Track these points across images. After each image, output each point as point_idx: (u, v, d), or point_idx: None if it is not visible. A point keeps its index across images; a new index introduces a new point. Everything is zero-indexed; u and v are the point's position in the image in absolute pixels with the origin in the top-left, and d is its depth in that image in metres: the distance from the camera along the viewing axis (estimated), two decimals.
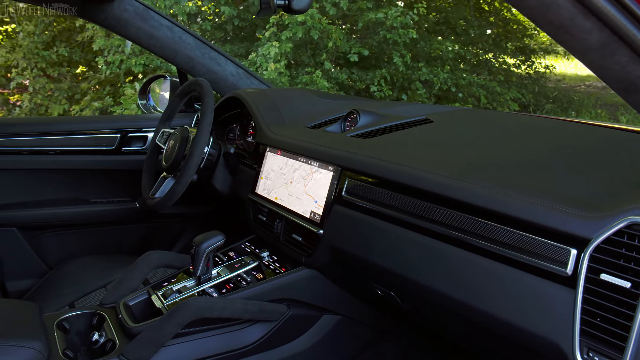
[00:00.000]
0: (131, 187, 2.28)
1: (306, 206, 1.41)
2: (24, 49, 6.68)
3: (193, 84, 1.79)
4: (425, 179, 1.10)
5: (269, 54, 6.05)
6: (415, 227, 1.10)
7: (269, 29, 6.30)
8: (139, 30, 2.01)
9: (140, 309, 1.44)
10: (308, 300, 1.46)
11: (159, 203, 1.68)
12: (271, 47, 6.08)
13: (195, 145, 1.59)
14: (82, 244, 2.26)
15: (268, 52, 6.06)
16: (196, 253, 1.38)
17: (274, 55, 6.01)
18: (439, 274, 1.05)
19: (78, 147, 2.17)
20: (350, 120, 1.58)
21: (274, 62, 6.03)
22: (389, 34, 6.60)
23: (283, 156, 1.55)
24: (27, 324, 1.22)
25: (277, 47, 6.05)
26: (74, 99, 6.85)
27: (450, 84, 7.08)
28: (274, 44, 6.11)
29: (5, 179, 2.12)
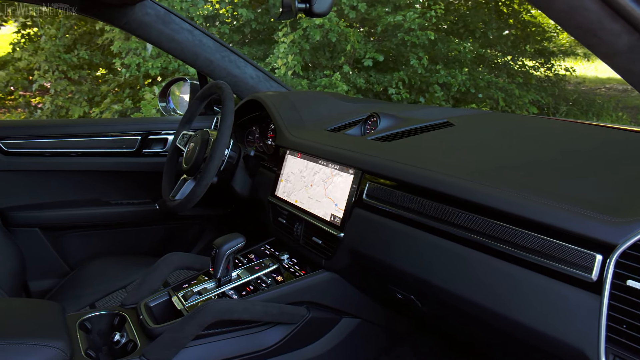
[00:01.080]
0: (151, 189, 2.30)
1: (326, 209, 1.41)
2: (46, 52, 6.78)
3: (213, 87, 1.80)
4: (447, 183, 1.10)
5: (279, 51, 6.07)
6: (436, 231, 1.10)
7: (282, 29, 6.32)
8: (160, 33, 2.04)
9: (160, 310, 1.45)
10: (327, 303, 1.46)
11: (179, 205, 1.69)
12: (280, 44, 6.10)
13: (216, 148, 1.59)
14: (103, 244, 2.29)
15: (278, 50, 6.08)
16: (217, 255, 1.39)
17: (282, 52, 6.02)
18: (460, 278, 1.05)
19: (99, 149, 2.20)
20: (371, 123, 1.58)
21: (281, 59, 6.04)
22: (407, 36, 6.58)
23: (303, 159, 1.55)
24: (51, 324, 1.24)
25: (286, 43, 6.07)
26: (94, 101, 6.93)
27: (468, 85, 7.04)
28: (282, 39, 6.12)
29: (29, 180, 2.15)
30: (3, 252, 1.76)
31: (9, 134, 2.10)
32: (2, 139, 2.08)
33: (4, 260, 1.74)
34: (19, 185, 2.14)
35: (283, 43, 6.08)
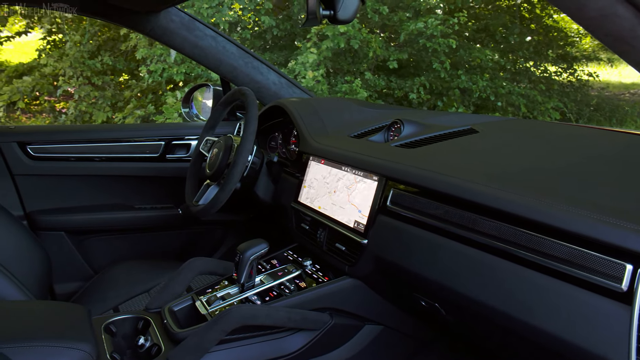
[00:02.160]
0: (174, 194, 2.32)
1: (350, 215, 1.41)
2: (71, 58, 6.88)
3: (237, 93, 1.81)
4: (472, 190, 1.09)
5: (307, 61, 6.08)
6: (462, 239, 1.09)
7: (310, 39, 6.34)
8: (184, 40, 2.06)
9: (184, 315, 1.46)
10: (350, 310, 1.45)
11: (203, 210, 1.71)
12: (309, 54, 6.12)
13: (240, 154, 1.60)
14: (126, 248, 2.31)
15: (307, 60, 6.09)
16: (240, 260, 1.40)
17: (311, 63, 6.04)
18: (485, 287, 1.04)
19: (124, 154, 2.23)
20: (394, 130, 1.57)
21: (312, 70, 6.06)
22: (429, 43, 6.56)
23: (326, 165, 1.56)
24: (78, 327, 1.26)
25: (316, 54, 6.08)
26: (117, 107, 7.01)
27: (489, 92, 6.99)
28: (312, 50, 6.14)
29: (55, 184, 2.19)
30: (30, 255, 1.79)
31: (35, 138, 2.13)
32: (29, 143, 2.12)
33: (31, 263, 1.77)
34: (46, 189, 2.17)
35: (312, 54, 6.09)
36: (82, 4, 1.93)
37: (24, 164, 2.12)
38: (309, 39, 6.35)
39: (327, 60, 6.38)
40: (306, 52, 6.21)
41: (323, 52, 6.14)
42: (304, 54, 6.23)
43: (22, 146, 2.11)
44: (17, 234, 1.78)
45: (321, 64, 6.15)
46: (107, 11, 1.95)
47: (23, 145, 2.11)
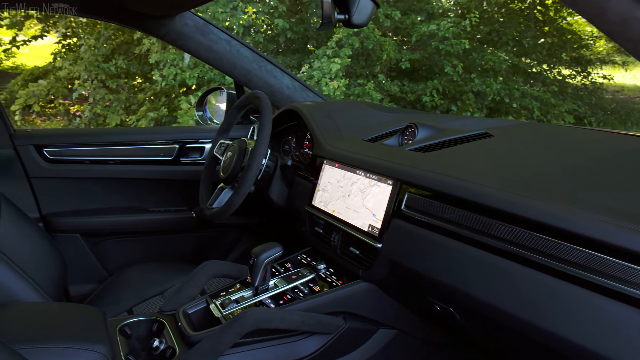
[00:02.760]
0: (188, 197, 2.33)
1: (364, 219, 1.41)
2: (85, 61, 6.94)
3: (251, 96, 1.81)
4: (487, 195, 1.08)
5: (330, 71, 6.07)
6: (477, 243, 1.09)
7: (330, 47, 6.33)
8: (198, 44, 2.07)
9: (198, 318, 1.46)
10: (364, 314, 1.45)
11: (217, 213, 1.71)
12: (332, 64, 6.12)
13: (254, 157, 1.61)
14: (140, 251, 2.33)
15: (329, 69, 6.08)
16: (255, 264, 1.40)
17: (335, 72, 6.04)
18: (501, 292, 1.03)
19: (138, 157, 2.25)
20: (408, 133, 1.57)
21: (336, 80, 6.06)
22: (441, 45, 6.55)
23: (340, 169, 1.56)
24: (93, 328, 1.27)
25: (339, 63, 6.09)
26: (130, 110, 7.06)
27: (503, 95, 6.95)
28: (335, 60, 6.14)
29: (70, 187, 2.21)
30: (46, 256, 1.81)
31: (52, 142, 2.16)
32: (46, 146, 2.14)
33: (47, 265, 1.79)
34: (62, 191, 2.19)
35: (335, 63, 6.09)
36: (98, 9, 1.95)
37: (41, 167, 2.14)
38: (328, 46, 6.35)
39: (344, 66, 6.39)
40: (327, 61, 6.20)
41: (344, 61, 6.14)
42: (324, 62, 6.22)
43: (38, 149, 2.13)
44: (33, 236, 1.80)
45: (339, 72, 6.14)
46: (123, 16, 1.97)
47: (40, 148, 2.13)
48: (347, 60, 6.14)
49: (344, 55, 6.16)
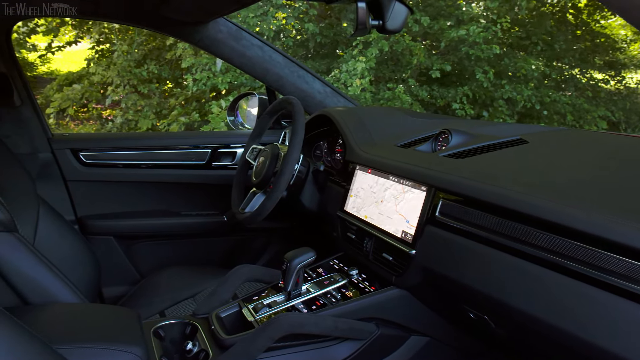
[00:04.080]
0: (219, 201, 2.35)
1: (397, 225, 1.40)
2: (118, 66, 7.07)
3: (284, 102, 1.83)
4: (526, 202, 1.07)
5: (354, 70, 6.08)
6: (514, 251, 1.07)
7: (355, 46, 6.35)
8: (231, 49, 2.09)
9: (231, 321, 1.47)
10: (397, 320, 1.44)
11: (249, 218, 1.72)
12: (357, 62, 6.12)
13: (287, 162, 1.62)
14: (172, 254, 2.36)
15: (354, 69, 6.10)
16: (287, 269, 1.41)
17: (360, 71, 6.04)
18: (539, 301, 1.02)
19: (171, 162, 2.28)
20: (442, 139, 1.56)
21: (359, 78, 6.06)
22: (472, 50, 6.49)
23: (373, 175, 1.55)
24: (129, 330, 1.29)
25: (364, 62, 6.08)
26: (161, 114, 7.16)
27: (534, 101, 6.85)
28: (360, 59, 6.15)
29: (105, 190, 2.25)
30: (82, 258, 1.84)
31: (88, 146, 2.20)
32: (82, 150, 2.19)
33: (83, 267, 1.83)
34: (96, 194, 2.24)
35: (360, 62, 6.10)
36: (136, 16, 1.99)
37: (77, 170, 2.19)
38: (355, 46, 6.36)
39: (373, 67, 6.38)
40: (352, 61, 6.21)
41: (370, 60, 6.14)
42: (350, 62, 6.23)
43: (75, 153, 2.18)
44: (69, 238, 1.84)
45: (368, 73, 6.14)
46: (159, 23, 2.01)
47: (76, 152, 2.18)
48: (372, 60, 6.13)
49: (370, 55, 6.15)
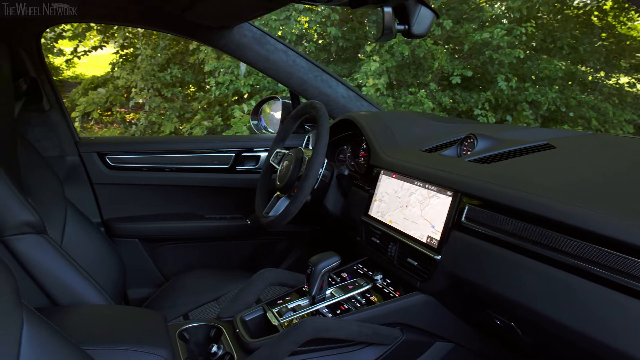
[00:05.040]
0: (242, 205, 2.37)
1: (422, 231, 1.39)
2: (142, 70, 7.16)
3: (308, 106, 1.83)
4: (553, 208, 1.06)
5: (369, 69, 6.08)
6: (542, 258, 1.06)
7: (370, 45, 6.35)
8: (256, 54, 2.10)
9: (255, 325, 1.48)
10: (421, 326, 1.43)
11: (273, 222, 1.73)
12: (372, 62, 6.11)
13: (311, 167, 1.62)
14: (196, 257, 2.38)
15: (369, 68, 6.09)
16: (312, 273, 1.41)
17: (373, 71, 6.03)
18: (569, 308, 1.00)
19: (195, 165, 2.30)
20: (467, 144, 1.55)
21: (373, 78, 6.05)
22: (495, 54, 6.43)
23: (398, 179, 1.55)
24: (155, 332, 1.30)
25: (379, 62, 6.07)
26: (184, 118, 7.24)
27: (559, 104, 6.77)
28: (374, 58, 6.14)
29: (130, 193, 2.28)
30: (108, 261, 1.87)
31: (114, 149, 2.23)
32: (108, 154, 2.22)
33: (109, 269, 1.85)
34: (122, 197, 2.27)
35: (375, 62, 6.10)
36: (162, 21, 2.02)
37: (103, 174, 2.22)
38: (371, 46, 6.35)
39: (391, 72, 6.35)
40: (369, 61, 6.21)
41: (387, 61, 6.12)
42: (367, 63, 6.23)
43: (101, 156, 2.21)
44: (96, 241, 1.87)
45: (383, 74, 6.12)
46: (184, 27, 2.03)
47: (102, 156, 2.21)
48: (387, 58, 6.11)
49: (385, 53, 6.13)
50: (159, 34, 7.31)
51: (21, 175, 1.61)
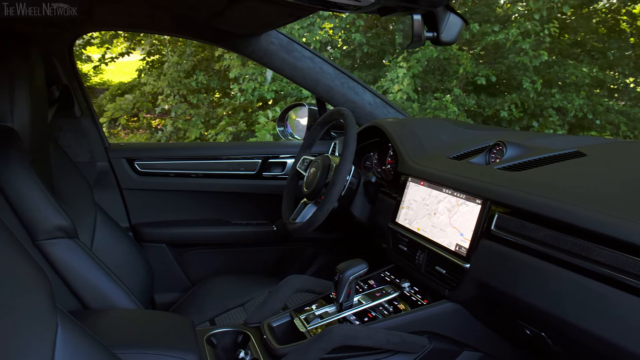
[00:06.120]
0: (268, 211, 2.38)
1: (451, 239, 1.38)
2: (168, 77, 7.25)
3: (335, 113, 1.83)
4: (585, 217, 1.04)
5: (397, 77, 6.07)
6: (575, 267, 1.05)
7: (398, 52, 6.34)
8: (283, 61, 2.12)
9: (282, 331, 1.48)
10: (450, 335, 1.42)
11: (300, 228, 1.73)
12: (398, 69, 6.11)
13: (339, 174, 1.62)
14: (222, 262, 2.39)
15: (397, 76, 6.09)
16: (340, 280, 1.41)
17: (401, 77, 6.03)
18: (602, 319, 0.99)
19: (222, 171, 2.32)
20: (496, 152, 1.53)
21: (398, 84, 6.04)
22: (518, 57, 6.36)
23: (426, 187, 1.54)
24: (185, 337, 1.31)
25: (405, 68, 6.06)
26: (209, 124, 7.30)
27: (586, 110, 6.66)
28: (401, 64, 6.13)
29: (158, 199, 2.31)
30: (137, 265, 1.89)
31: (142, 155, 2.27)
32: (137, 159, 2.25)
33: (137, 273, 1.87)
34: (150, 203, 2.30)
35: (401, 68, 6.09)
36: (191, 29, 2.04)
37: (132, 179, 2.25)
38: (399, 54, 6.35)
39: (417, 77, 6.33)
40: (395, 68, 6.21)
41: (413, 67, 6.11)
42: (394, 70, 6.23)
43: (130, 162, 2.25)
44: (125, 245, 1.89)
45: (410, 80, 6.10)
46: (213, 35, 2.05)
47: (131, 161, 2.25)
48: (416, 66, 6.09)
49: (413, 59, 6.11)
50: (185, 41, 7.40)
51: (53, 180, 1.65)
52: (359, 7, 1.29)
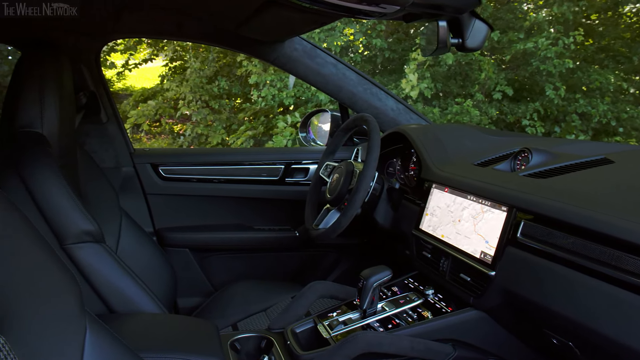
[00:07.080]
0: (291, 216, 2.38)
1: (476, 246, 1.38)
2: (191, 83, 7.33)
3: (359, 119, 1.83)
4: (614, 225, 1.03)
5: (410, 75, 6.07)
6: (603, 276, 1.03)
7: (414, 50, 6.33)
8: (306, 67, 2.13)
9: (306, 337, 1.49)
10: (474, 343, 1.41)
11: (323, 234, 1.73)
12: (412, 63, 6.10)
13: (362, 180, 1.62)
14: (244, 267, 2.40)
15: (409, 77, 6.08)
16: (364, 286, 1.41)
17: (414, 77, 6.01)
18: (632, 329, 0.97)
19: (245, 177, 2.33)
20: (521, 158, 1.52)
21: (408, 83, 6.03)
22: (542, 65, 6.30)
23: (450, 194, 1.53)
24: (209, 342, 1.32)
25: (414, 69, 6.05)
26: (230, 129, 7.36)
27: (610, 117, 6.57)
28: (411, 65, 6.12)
29: (181, 204, 2.33)
30: (161, 270, 1.91)
31: (167, 160, 2.29)
32: (161, 165, 2.27)
33: (161, 278, 1.89)
34: (173, 208, 2.32)
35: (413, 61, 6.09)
36: (216, 37, 2.07)
37: (156, 184, 2.27)
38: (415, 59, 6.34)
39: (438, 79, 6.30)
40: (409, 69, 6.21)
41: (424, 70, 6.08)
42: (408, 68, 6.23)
43: (154, 167, 2.27)
44: (149, 250, 1.91)
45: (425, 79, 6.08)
46: (237, 42, 2.07)
47: (156, 167, 2.27)
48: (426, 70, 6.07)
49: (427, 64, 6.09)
50: (207, 47, 7.47)
51: (80, 185, 1.67)
52: (384, 14, 1.30)
